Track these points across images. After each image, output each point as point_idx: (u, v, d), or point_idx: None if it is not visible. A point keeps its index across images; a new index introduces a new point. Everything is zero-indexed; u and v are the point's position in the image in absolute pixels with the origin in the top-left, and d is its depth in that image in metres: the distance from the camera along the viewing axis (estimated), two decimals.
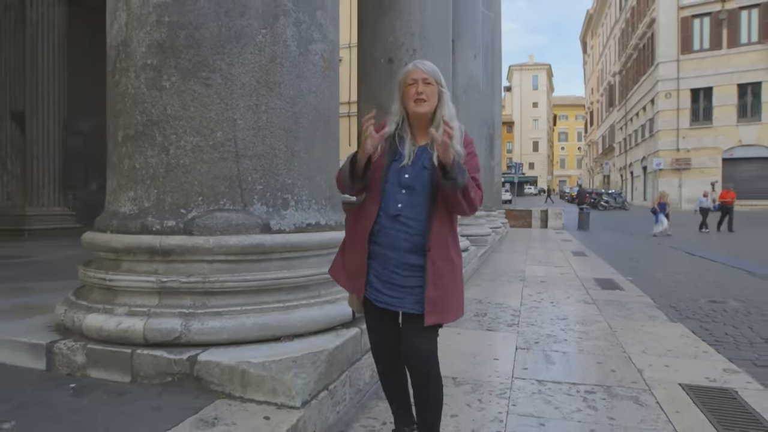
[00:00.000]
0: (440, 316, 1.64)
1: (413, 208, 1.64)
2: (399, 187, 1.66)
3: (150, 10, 2.30)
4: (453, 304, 1.68)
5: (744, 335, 3.80)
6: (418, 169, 1.66)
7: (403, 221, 1.64)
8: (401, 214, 1.64)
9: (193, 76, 2.27)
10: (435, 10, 6.38)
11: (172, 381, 2.02)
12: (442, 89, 1.71)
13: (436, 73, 1.71)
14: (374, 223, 1.66)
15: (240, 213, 2.28)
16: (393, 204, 1.65)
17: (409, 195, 1.65)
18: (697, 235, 14.02)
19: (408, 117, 1.73)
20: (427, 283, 1.62)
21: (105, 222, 2.40)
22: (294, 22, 2.44)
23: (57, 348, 2.21)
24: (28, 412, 1.80)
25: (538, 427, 2.13)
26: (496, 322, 3.98)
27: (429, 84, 1.68)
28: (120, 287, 2.24)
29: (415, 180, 1.65)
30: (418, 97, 1.67)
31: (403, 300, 1.65)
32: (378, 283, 1.67)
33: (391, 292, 1.65)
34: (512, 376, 2.74)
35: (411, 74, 1.70)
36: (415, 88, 1.67)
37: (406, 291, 1.65)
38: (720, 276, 6.92)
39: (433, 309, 1.62)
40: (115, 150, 2.43)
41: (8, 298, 3.99)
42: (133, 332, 2.09)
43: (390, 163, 1.69)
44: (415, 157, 1.68)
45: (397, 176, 1.67)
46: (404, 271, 1.64)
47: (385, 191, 1.66)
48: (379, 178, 1.67)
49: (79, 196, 15.06)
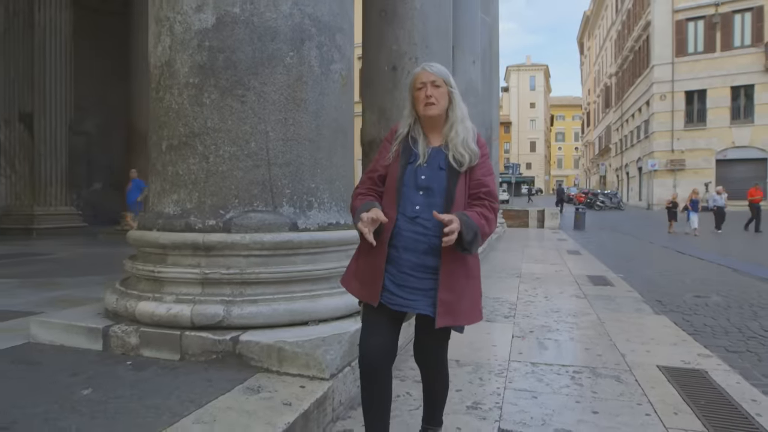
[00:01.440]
0: (452, 318, 1.62)
1: (430, 209, 1.62)
2: (416, 189, 1.65)
3: (192, 35, 2.62)
4: (467, 307, 1.65)
5: (721, 326, 4.14)
6: (434, 170, 1.66)
7: (421, 223, 1.63)
8: (419, 216, 1.63)
9: (230, 93, 2.59)
10: (436, 20, 6.70)
11: (216, 358, 2.34)
12: (452, 90, 1.71)
13: (445, 74, 1.71)
14: (394, 226, 1.65)
15: (271, 214, 2.61)
16: (410, 206, 1.64)
17: (426, 196, 1.64)
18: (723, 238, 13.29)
19: (420, 119, 1.74)
20: (440, 285, 1.61)
21: (151, 221, 2.72)
22: (317, 45, 2.77)
23: (112, 331, 2.53)
24: (99, 382, 2.12)
25: (531, 399, 2.46)
26: (494, 314, 4.31)
27: (438, 86, 1.68)
28: (167, 278, 2.56)
29: (431, 181, 1.65)
30: (427, 101, 1.67)
31: (418, 302, 1.63)
32: (392, 286, 1.64)
33: (404, 294, 1.63)
34: (509, 360, 3.07)
35: (419, 77, 1.71)
36: (424, 91, 1.68)
37: (420, 293, 1.63)
38: (707, 273, 7.28)
39: (445, 311, 1.60)
40: (159, 158, 2.75)
41: (48, 291, 4.31)
42: (181, 317, 2.41)
43: (405, 165, 1.69)
44: (429, 158, 1.68)
45: (413, 178, 1.67)
46: (420, 273, 1.63)
47: (402, 194, 1.66)
48: (395, 181, 1.68)
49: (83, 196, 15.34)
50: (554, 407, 2.36)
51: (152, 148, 2.83)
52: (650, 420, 2.23)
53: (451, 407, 2.31)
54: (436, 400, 1.86)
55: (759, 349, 3.51)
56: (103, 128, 15.22)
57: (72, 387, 2.06)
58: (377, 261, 1.65)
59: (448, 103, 1.71)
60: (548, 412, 2.30)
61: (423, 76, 1.70)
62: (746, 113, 26.72)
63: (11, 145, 13.22)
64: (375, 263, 1.66)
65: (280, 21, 2.64)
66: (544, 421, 2.22)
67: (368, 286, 1.67)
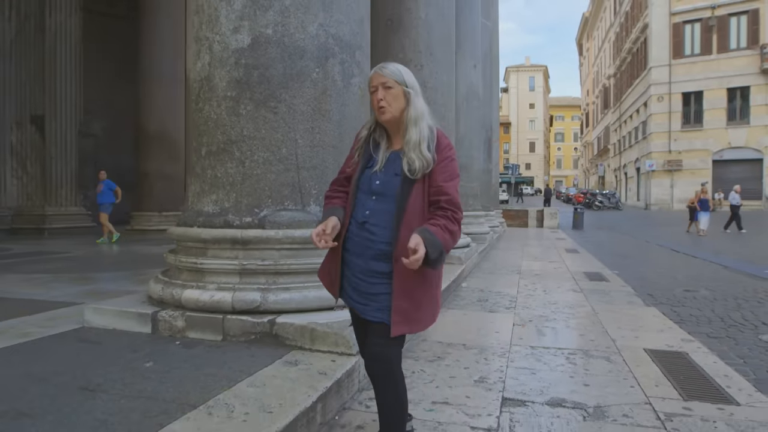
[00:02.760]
0: (408, 326, 1.60)
1: (380, 215, 1.60)
2: (369, 194, 1.64)
3: (230, 54, 2.96)
4: (423, 314, 1.63)
5: (705, 316, 4.48)
6: (389, 175, 1.62)
7: (369, 228, 1.61)
8: (368, 221, 1.61)
9: (263, 105, 2.93)
10: (440, 29, 7.04)
11: (255, 339, 2.68)
12: (408, 89, 1.62)
13: (398, 74, 1.62)
14: (346, 231, 1.65)
15: (300, 212, 2.95)
16: (361, 211, 1.63)
17: (378, 202, 1.62)
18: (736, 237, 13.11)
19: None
20: (394, 293, 1.57)
21: (191, 219, 3.05)
22: (339, 62, 3.11)
23: (160, 316, 2.86)
24: (157, 357, 2.46)
25: (530, 375, 2.80)
26: (496, 306, 4.65)
27: (389, 88, 1.60)
28: (208, 269, 2.90)
29: (384, 187, 1.62)
30: (379, 105, 1.61)
31: (367, 307, 1.63)
32: (349, 289, 1.68)
33: (358, 298, 1.65)
34: (510, 344, 3.41)
35: (371, 80, 1.65)
36: (375, 96, 1.61)
37: (370, 298, 1.62)
38: (698, 270, 7.62)
39: (401, 320, 1.58)
40: (198, 162, 3.09)
41: (81, 285, 4.64)
42: (223, 303, 2.75)
43: (363, 169, 1.67)
44: (387, 162, 1.64)
45: (368, 183, 1.64)
46: (369, 278, 1.62)
47: (356, 198, 1.66)
48: (353, 184, 1.68)
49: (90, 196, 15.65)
50: (550, 381, 2.70)
51: (191, 153, 3.16)
52: (634, 391, 2.57)
53: (461, 381, 2.66)
54: (388, 419, 1.66)
55: (737, 335, 3.84)
56: (109, 130, 15.55)
57: (135, 361, 2.40)
58: (335, 263, 1.69)
59: (404, 103, 1.61)
60: (545, 385, 2.64)
61: (374, 79, 1.63)
62: (742, 114, 27.13)
63: (23, 147, 13.54)
64: (334, 265, 1.70)
65: (308, 41, 2.98)
66: (542, 391, 2.55)
67: (332, 284, 1.73)
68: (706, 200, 13.96)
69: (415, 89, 1.63)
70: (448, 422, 2.16)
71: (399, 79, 1.61)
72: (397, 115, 1.62)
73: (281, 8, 2.93)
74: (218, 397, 1.95)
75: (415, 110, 1.61)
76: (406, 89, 1.61)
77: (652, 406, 2.38)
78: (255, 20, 2.92)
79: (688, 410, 2.33)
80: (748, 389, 2.61)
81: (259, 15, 2.92)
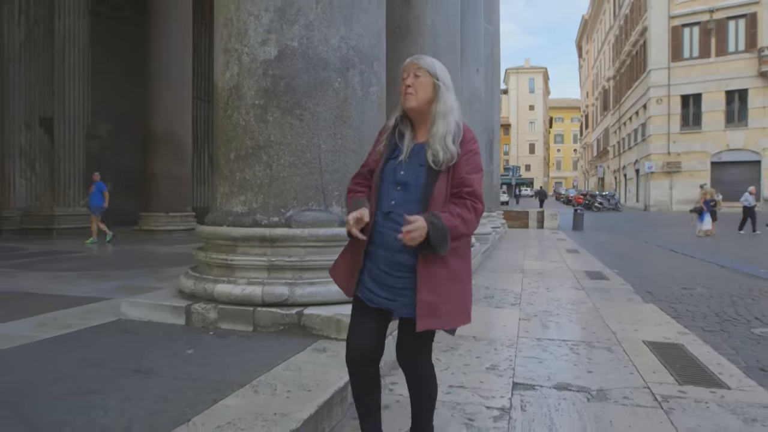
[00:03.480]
0: (434, 321, 1.57)
1: (406, 205, 1.59)
2: (394, 184, 1.62)
3: (258, 65, 3.18)
4: (453, 309, 1.59)
5: (701, 311, 4.71)
6: (414, 166, 1.62)
7: (395, 218, 1.59)
8: (393, 211, 1.60)
9: (289, 113, 3.15)
10: (446, 37, 7.27)
11: (284, 329, 2.90)
12: (438, 82, 1.62)
13: (431, 66, 1.63)
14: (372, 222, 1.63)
15: (323, 212, 3.17)
16: (386, 201, 1.62)
17: (402, 192, 1.61)
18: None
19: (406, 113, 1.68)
20: (419, 285, 1.55)
21: (221, 218, 3.27)
22: (359, 72, 3.33)
23: (194, 308, 3.08)
24: (195, 345, 2.67)
25: (537, 363, 3.02)
26: (502, 302, 4.87)
27: (420, 76, 1.61)
28: (238, 265, 3.12)
29: (409, 177, 1.61)
30: (406, 90, 1.62)
31: (395, 303, 1.61)
32: (371, 282, 1.64)
33: (383, 292, 1.62)
34: (517, 336, 3.63)
35: (405, 68, 1.66)
36: (405, 81, 1.63)
37: (396, 292, 1.60)
38: (696, 270, 7.84)
39: (426, 313, 1.55)
40: (227, 165, 3.31)
41: (106, 282, 4.86)
42: (254, 296, 2.97)
43: (387, 160, 1.66)
44: (411, 154, 1.63)
45: (392, 173, 1.64)
46: (395, 271, 1.60)
47: (380, 189, 1.64)
48: (377, 175, 1.67)
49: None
50: (556, 369, 2.92)
51: (220, 157, 3.38)
52: (633, 377, 2.79)
53: (474, 369, 2.88)
54: (421, 408, 1.74)
55: (731, 329, 4.07)
56: (114, 132, 15.74)
57: (176, 348, 2.62)
58: (356, 256, 1.67)
59: (432, 95, 1.62)
60: (551, 372, 2.86)
61: (408, 67, 1.65)
62: (740, 117, 27.40)
63: (32, 148, 13.73)
64: (354, 258, 1.68)
65: (330, 53, 3.20)
66: (549, 377, 2.77)
67: (348, 279, 1.70)
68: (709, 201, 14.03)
69: (446, 84, 1.64)
70: (465, 403, 2.38)
71: (431, 71, 1.63)
72: (421, 104, 1.63)
73: (306, 22, 3.16)
74: (260, 379, 2.17)
75: (445, 105, 1.62)
76: (437, 82, 1.62)
77: (650, 389, 2.60)
78: (282, 33, 3.15)
79: (682, 393, 2.55)
80: (738, 376, 2.83)
81: (286, 29, 3.15)
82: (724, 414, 2.30)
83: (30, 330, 3.01)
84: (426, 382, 1.73)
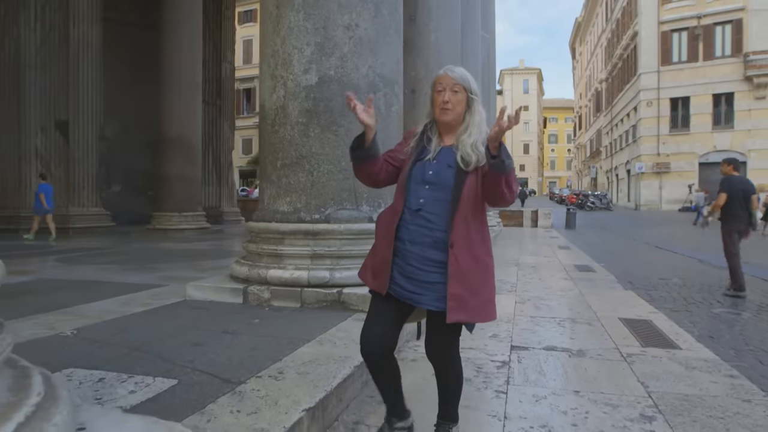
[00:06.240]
0: (464, 314, 1.62)
1: (435, 203, 1.65)
2: (422, 183, 1.69)
3: (301, 89, 3.86)
4: (480, 304, 1.65)
5: (672, 296, 5.44)
6: (442, 166, 1.69)
7: (425, 216, 1.66)
8: (422, 208, 1.66)
9: (328, 129, 3.83)
10: (448, 50, 7.98)
11: (326, 305, 3.58)
12: (472, 96, 1.71)
13: (466, 80, 1.72)
14: (399, 219, 1.69)
15: (355, 211, 3.85)
16: (415, 199, 1.68)
17: (431, 191, 1.67)
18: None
19: (436, 121, 1.76)
20: (450, 279, 1.61)
21: (269, 216, 3.95)
22: (383, 95, 4.02)
23: (250, 290, 3.76)
24: (258, 317, 3.35)
25: (530, 333, 3.72)
26: (500, 289, 5.57)
27: (456, 92, 1.69)
28: (286, 254, 3.80)
29: (437, 176, 1.68)
30: (443, 106, 1.69)
31: (424, 296, 1.65)
32: (400, 278, 1.68)
33: (411, 286, 1.66)
34: (514, 315, 4.33)
35: (440, 80, 1.72)
36: (442, 96, 1.69)
37: (426, 287, 1.65)
38: (676, 264, 8.60)
39: (456, 306, 1.60)
40: (274, 172, 3.98)
41: (150, 273, 5.52)
42: (301, 279, 3.65)
43: (416, 161, 1.73)
44: (439, 155, 1.71)
45: (421, 173, 1.70)
46: (425, 266, 1.65)
47: (409, 188, 1.70)
48: (404, 176, 1.74)
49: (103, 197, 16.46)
50: (545, 337, 3.63)
51: (267, 165, 4.05)
52: (606, 341, 3.50)
53: (479, 336, 3.57)
54: (449, 395, 1.83)
55: (694, 309, 4.80)
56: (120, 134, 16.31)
57: (245, 318, 3.29)
58: (385, 254, 1.71)
59: (465, 108, 1.72)
60: (542, 339, 3.56)
61: (444, 80, 1.72)
62: (727, 119, 28.36)
63: (47, 150, 14.29)
64: (383, 256, 1.72)
65: (360, 79, 3.89)
66: (539, 342, 3.47)
67: (379, 278, 1.74)
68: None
69: (477, 96, 1.75)
70: (474, 358, 3.08)
71: (467, 86, 1.72)
72: (456, 118, 1.72)
73: (341, 55, 3.84)
74: (321, 336, 2.85)
75: (479, 115, 1.73)
76: (471, 95, 1.72)
77: (619, 350, 3.31)
78: (321, 64, 3.83)
79: (643, 352, 3.26)
80: (690, 341, 3.55)
81: (324, 60, 3.83)
82: (672, 364, 3.02)
83: (118, 307, 3.67)
84: (454, 374, 1.80)
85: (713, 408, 2.36)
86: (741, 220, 5.48)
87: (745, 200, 5.47)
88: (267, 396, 1.98)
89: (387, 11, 4.11)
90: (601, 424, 2.18)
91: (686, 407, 2.36)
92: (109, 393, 1.97)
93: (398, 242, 1.70)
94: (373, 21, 3.98)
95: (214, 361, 2.38)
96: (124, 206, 15.47)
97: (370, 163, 1.76)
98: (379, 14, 4.03)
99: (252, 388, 2.06)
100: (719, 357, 3.17)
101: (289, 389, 2.06)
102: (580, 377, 2.79)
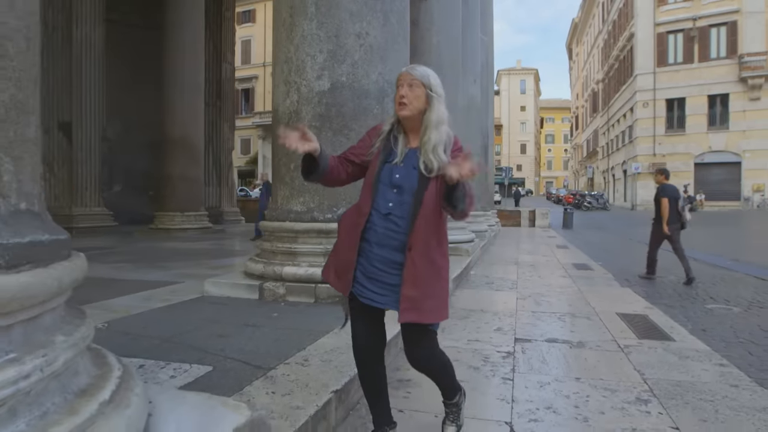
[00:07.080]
0: (417, 314, 1.64)
1: (401, 207, 1.68)
2: (390, 187, 1.70)
3: (314, 95, 4.04)
4: (433, 305, 1.67)
5: (667, 293, 5.65)
6: (408, 169, 1.71)
7: (393, 220, 1.68)
8: (392, 212, 1.68)
9: (339, 133, 4.02)
10: (449, 54, 8.17)
11: (339, 300, 3.75)
12: (432, 93, 1.70)
13: (425, 77, 1.71)
14: (366, 222, 1.70)
15: None
16: (384, 203, 1.69)
17: (398, 194, 1.69)
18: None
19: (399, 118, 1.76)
20: (404, 281, 1.64)
21: (283, 215, 4.13)
22: (392, 100, 4.19)
23: (265, 286, 3.94)
24: (276, 311, 3.53)
25: (532, 327, 3.92)
26: (501, 286, 5.77)
27: (414, 87, 1.69)
28: (300, 252, 3.98)
29: (404, 180, 1.70)
30: (400, 100, 1.70)
31: (387, 298, 1.68)
32: (363, 278, 1.70)
33: (374, 288, 1.68)
34: (516, 310, 4.53)
35: (400, 77, 1.74)
36: (399, 91, 1.71)
37: (389, 288, 1.67)
38: (671, 262, 8.79)
39: (409, 307, 1.63)
40: (287, 173, 4.16)
41: (163, 270, 5.68)
42: (315, 275, 3.83)
43: (383, 163, 1.74)
44: (405, 158, 1.73)
45: (389, 176, 1.71)
46: (390, 268, 1.67)
47: (377, 190, 1.71)
48: (372, 177, 1.74)
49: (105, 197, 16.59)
50: (547, 330, 3.82)
51: (281, 167, 4.23)
52: (605, 334, 3.70)
53: (484, 329, 3.77)
54: (440, 385, 1.89)
55: (688, 304, 5.00)
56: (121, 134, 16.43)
57: (263, 312, 3.47)
58: (349, 254, 1.72)
59: (424, 105, 1.71)
60: (543, 332, 3.76)
61: (403, 77, 1.73)
62: (722, 120, 28.69)
63: (50, 151, 14.39)
64: (348, 256, 1.72)
65: (371, 85, 4.08)
66: (541, 335, 3.67)
67: (342, 279, 1.74)
68: None
69: (438, 94, 1.72)
70: (480, 349, 3.27)
71: (425, 82, 1.71)
72: (414, 113, 1.71)
73: (352, 62, 4.03)
74: (336, 330, 3.03)
75: (437, 115, 1.70)
76: (430, 92, 1.70)
77: (616, 342, 3.51)
78: (333, 70, 4.01)
79: (640, 343, 3.46)
80: (684, 334, 3.76)
81: (336, 67, 4.01)
82: (666, 354, 3.22)
83: (140, 302, 3.85)
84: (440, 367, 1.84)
85: (704, 392, 2.56)
86: (677, 218, 6.94)
87: (675, 202, 6.87)
88: (297, 380, 2.17)
89: (395, 20, 4.30)
90: (601, 406, 2.38)
91: (679, 392, 2.56)
92: (152, 377, 2.15)
93: (364, 243, 1.71)
94: (383, 29, 4.17)
95: (243, 350, 2.56)
96: (125, 206, 15.57)
97: (326, 176, 1.79)
98: (388, 23, 4.22)
99: (282, 373, 2.25)
100: (711, 348, 3.37)
101: (316, 374, 2.25)
102: (581, 366, 2.99)
